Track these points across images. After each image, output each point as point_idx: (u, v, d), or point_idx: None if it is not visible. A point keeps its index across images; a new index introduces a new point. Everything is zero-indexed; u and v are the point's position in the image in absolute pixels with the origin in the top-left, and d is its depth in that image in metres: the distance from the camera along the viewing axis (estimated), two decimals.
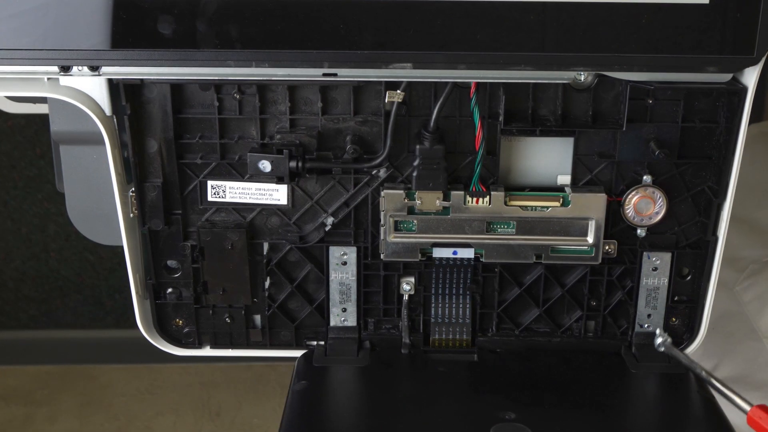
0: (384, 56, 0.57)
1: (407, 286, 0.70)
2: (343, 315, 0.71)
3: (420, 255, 0.66)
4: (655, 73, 0.60)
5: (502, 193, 0.64)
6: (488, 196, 0.64)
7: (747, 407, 0.53)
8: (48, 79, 0.61)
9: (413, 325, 0.71)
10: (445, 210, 0.65)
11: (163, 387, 1.78)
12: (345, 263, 0.69)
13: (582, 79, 0.62)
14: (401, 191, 0.65)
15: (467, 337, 0.71)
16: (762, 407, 0.52)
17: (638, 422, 0.65)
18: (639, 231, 0.67)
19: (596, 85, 0.63)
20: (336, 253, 0.69)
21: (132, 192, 0.65)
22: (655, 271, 0.69)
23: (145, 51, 0.56)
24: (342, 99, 0.64)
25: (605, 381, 0.67)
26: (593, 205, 0.65)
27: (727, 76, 0.60)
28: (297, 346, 0.72)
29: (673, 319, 0.70)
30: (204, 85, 0.63)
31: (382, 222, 0.66)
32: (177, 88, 0.63)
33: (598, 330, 0.71)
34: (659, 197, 0.66)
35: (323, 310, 0.71)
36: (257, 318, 0.72)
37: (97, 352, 1.90)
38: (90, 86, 0.61)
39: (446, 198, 0.64)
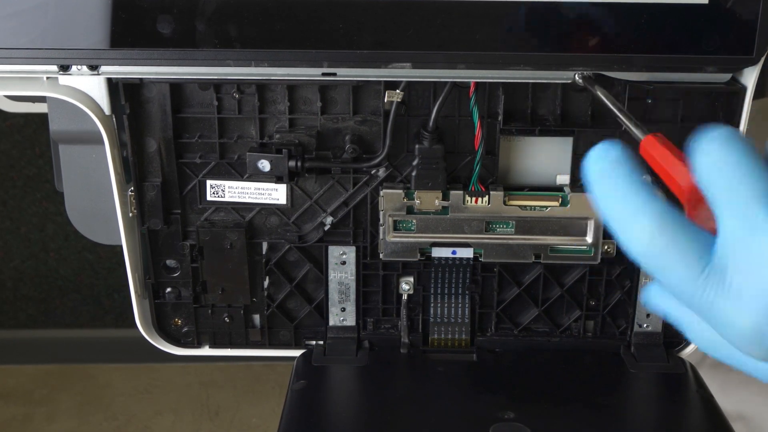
0: (383, 56, 0.57)
1: (406, 285, 0.70)
2: (342, 315, 0.71)
3: (419, 255, 0.66)
4: (654, 72, 0.60)
5: (501, 193, 0.64)
6: (487, 196, 0.64)
7: (641, 135, 0.49)
8: (47, 78, 0.61)
9: (412, 324, 0.71)
10: (444, 210, 0.65)
11: (162, 386, 1.78)
12: (344, 263, 0.69)
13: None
14: (400, 191, 0.65)
15: (466, 336, 0.71)
16: (656, 135, 0.48)
17: (637, 422, 0.65)
18: None
19: None
20: (335, 252, 0.69)
21: (131, 191, 0.65)
22: None
23: (145, 50, 0.56)
24: (341, 98, 0.64)
25: (604, 381, 0.67)
26: (592, 205, 0.65)
27: (726, 76, 0.60)
28: (296, 346, 0.72)
29: None
30: (203, 84, 0.63)
31: (381, 221, 0.66)
32: (176, 87, 0.63)
33: (597, 330, 0.71)
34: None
35: (322, 309, 0.71)
36: (256, 318, 0.72)
37: (96, 351, 1.90)
38: (89, 85, 0.61)
39: (445, 198, 0.64)
